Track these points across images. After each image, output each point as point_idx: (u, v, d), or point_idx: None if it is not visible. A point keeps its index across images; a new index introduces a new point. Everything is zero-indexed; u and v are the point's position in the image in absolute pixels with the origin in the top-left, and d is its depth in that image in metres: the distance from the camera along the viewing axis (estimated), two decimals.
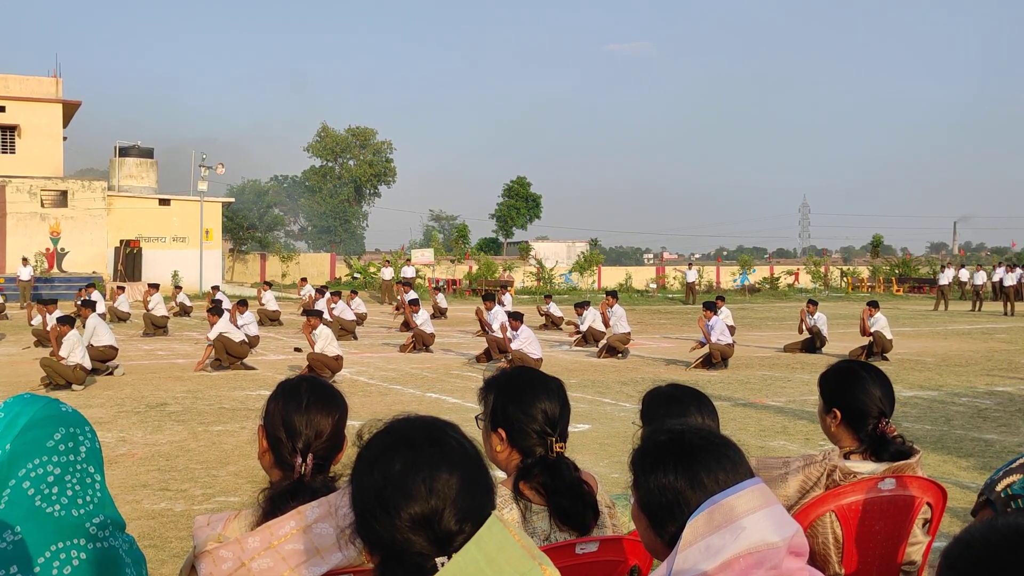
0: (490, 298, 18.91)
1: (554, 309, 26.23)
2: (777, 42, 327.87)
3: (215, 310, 16.48)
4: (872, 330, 17.75)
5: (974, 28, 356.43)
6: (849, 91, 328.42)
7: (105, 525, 2.03)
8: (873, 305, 18.06)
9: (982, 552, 1.39)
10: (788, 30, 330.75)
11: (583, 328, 20.50)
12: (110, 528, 2.04)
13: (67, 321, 14.02)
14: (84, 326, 15.63)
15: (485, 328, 18.88)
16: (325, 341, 14.78)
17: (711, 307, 17.15)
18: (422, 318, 19.26)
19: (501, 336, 16.78)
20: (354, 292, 27.56)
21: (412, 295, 24.44)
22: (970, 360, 17.48)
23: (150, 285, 25.78)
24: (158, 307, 23.93)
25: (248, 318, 18.96)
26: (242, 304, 19.55)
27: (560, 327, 25.50)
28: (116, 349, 15.57)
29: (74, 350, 13.58)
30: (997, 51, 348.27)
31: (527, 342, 16.08)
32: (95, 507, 2.03)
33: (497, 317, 17.88)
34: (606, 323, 18.86)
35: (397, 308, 29.18)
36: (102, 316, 24.08)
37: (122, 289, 28.25)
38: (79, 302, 24.92)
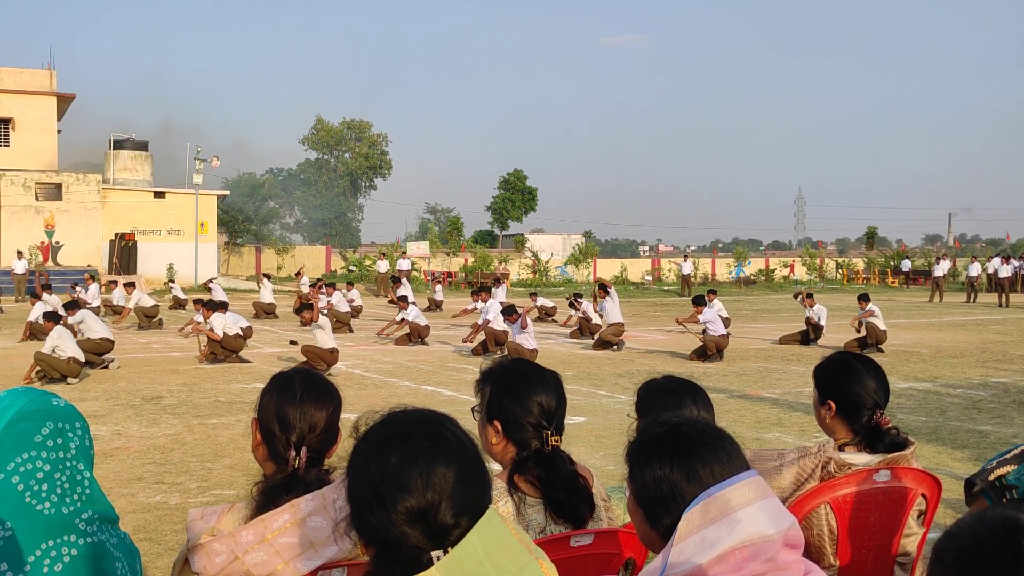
0: (485, 290, 18.87)
1: (541, 302, 26.30)
2: (771, 34, 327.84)
3: (209, 304, 16.49)
4: (865, 321, 17.75)
5: (971, 20, 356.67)
6: (844, 83, 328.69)
7: (93, 520, 2.02)
8: (864, 299, 18.10)
9: (969, 545, 1.39)
10: (783, 22, 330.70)
11: (580, 314, 20.55)
12: (98, 523, 2.03)
13: (52, 318, 14.02)
14: (71, 325, 15.50)
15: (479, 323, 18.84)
16: (324, 332, 14.75)
17: (700, 302, 17.14)
18: (412, 314, 19.17)
19: (500, 329, 16.86)
20: (350, 284, 27.49)
21: (400, 291, 24.48)
22: (965, 351, 17.51)
23: (125, 285, 25.95)
24: (119, 300, 24.95)
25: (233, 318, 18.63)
26: (223, 306, 18.29)
27: (553, 317, 25.63)
28: (112, 341, 15.54)
29: (59, 345, 13.53)
30: (995, 44, 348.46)
31: (525, 333, 16.16)
32: (83, 503, 2.01)
33: (491, 308, 17.83)
34: (600, 316, 18.93)
35: (391, 302, 29.23)
36: (96, 310, 24.19)
37: (115, 283, 28.18)
38: (70, 296, 24.93)
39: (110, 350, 15.45)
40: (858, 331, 17.96)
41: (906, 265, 48.57)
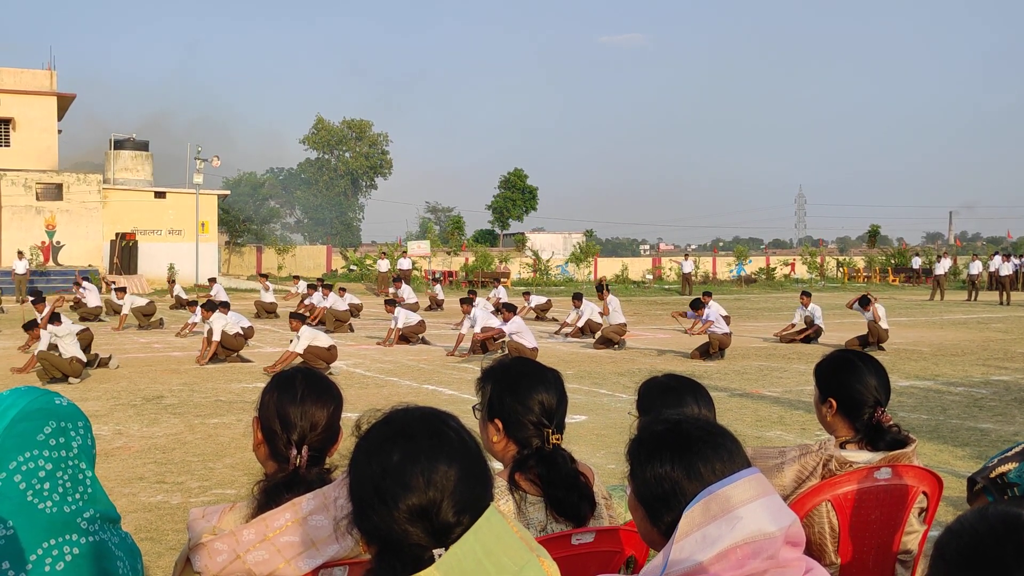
0: (467, 302, 18.65)
1: (534, 301, 26.30)
2: (772, 33, 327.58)
3: (208, 305, 16.54)
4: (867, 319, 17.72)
5: (971, 17, 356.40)
6: (845, 82, 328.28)
7: (95, 519, 2.02)
8: (864, 302, 18.05)
9: (971, 542, 1.39)
10: (783, 20, 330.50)
11: (580, 324, 20.47)
12: (99, 522, 2.03)
13: (55, 318, 14.17)
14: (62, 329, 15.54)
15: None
16: (307, 340, 14.64)
17: (698, 305, 17.12)
18: (402, 317, 19.08)
19: (497, 327, 16.85)
20: (342, 289, 26.81)
21: (405, 295, 24.39)
22: (966, 350, 17.51)
23: (116, 290, 25.58)
24: (91, 299, 24.86)
25: (235, 317, 18.63)
26: (224, 306, 17.83)
27: (548, 312, 25.67)
28: (89, 330, 16.21)
29: (61, 343, 13.57)
30: (995, 41, 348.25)
31: (520, 332, 16.14)
32: (85, 503, 2.01)
33: (479, 320, 17.59)
34: (604, 312, 18.89)
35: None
36: (97, 310, 24.35)
37: (110, 284, 28.21)
38: (72, 294, 24.92)
39: (91, 340, 15.93)
40: (850, 307, 18.18)
41: (916, 263, 47.68)
